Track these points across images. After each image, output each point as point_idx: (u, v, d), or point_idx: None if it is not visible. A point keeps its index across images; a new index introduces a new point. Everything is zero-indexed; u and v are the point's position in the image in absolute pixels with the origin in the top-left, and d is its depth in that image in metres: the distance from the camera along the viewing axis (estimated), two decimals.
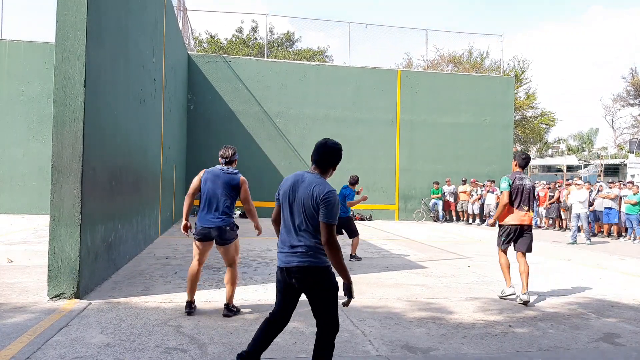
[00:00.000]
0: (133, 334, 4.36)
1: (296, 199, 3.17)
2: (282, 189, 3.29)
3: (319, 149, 3.28)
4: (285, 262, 3.17)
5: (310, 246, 3.14)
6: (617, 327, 5.06)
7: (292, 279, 3.17)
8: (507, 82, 21.06)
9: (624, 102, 48.48)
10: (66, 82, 5.44)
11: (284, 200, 3.24)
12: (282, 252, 3.22)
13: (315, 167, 3.29)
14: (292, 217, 3.18)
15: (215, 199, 4.94)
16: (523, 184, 6.18)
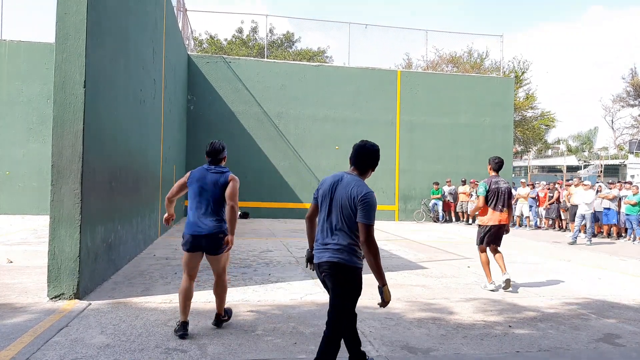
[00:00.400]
0: (133, 334, 4.36)
1: (334, 199, 3.28)
2: (321, 188, 3.39)
3: (358, 150, 3.46)
4: (318, 257, 3.29)
5: (344, 245, 3.22)
6: (617, 328, 5.06)
7: (322, 273, 3.29)
8: (507, 82, 21.07)
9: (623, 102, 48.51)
10: (66, 82, 5.44)
11: (322, 199, 3.35)
12: (317, 250, 3.33)
13: (354, 168, 3.46)
14: (329, 217, 3.28)
15: (204, 202, 4.35)
16: (499, 187, 6.66)
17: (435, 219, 19.12)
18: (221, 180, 4.44)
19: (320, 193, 3.38)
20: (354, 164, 3.46)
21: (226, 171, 4.53)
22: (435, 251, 10.62)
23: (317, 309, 5.47)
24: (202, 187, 4.40)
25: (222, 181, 4.44)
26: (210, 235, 4.31)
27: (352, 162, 3.46)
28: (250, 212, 18.26)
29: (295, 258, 9.04)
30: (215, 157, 4.58)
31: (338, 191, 3.29)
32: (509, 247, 11.88)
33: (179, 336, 4.25)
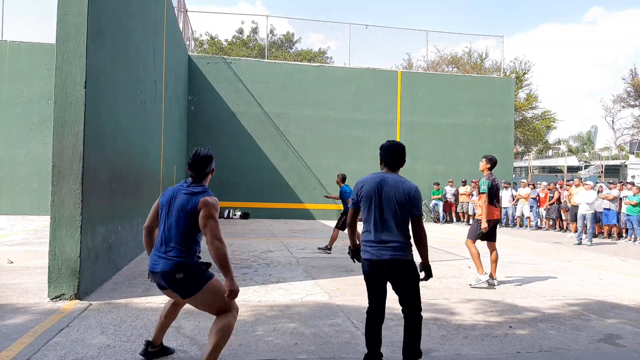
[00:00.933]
0: (134, 335, 4.36)
1: (385, 198, 3.51)
2: (364, 191, 3.57)
3: (391, 150, 3.67)
4: (377, 255, 3.50)
5: (402, 242, 3.52)
6: (618, 328, 5.06)
7: (383, 270, 3.52)
8: (507, 83, 21.07)
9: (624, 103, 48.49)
10: (67, 83, 5.44)
11: (369, 200, 3.54)
12: (371, 247, 3.53)
13: (387, 168, 3.69)
14: (381, 215, 3.51)
15: (167, 230, 3.37)
16: (497, 183, 7.04)
17: (436, 220, 19.12)
18: (189, 206, 3.31)
19: (364, 195, 3.56)
20: (387, 164, 3.69)
21: (200, 192, 3.37)
22: (435, 251, 10.62)
23: (318, 309, 5.47)
24: (170, 211, 3.39)
25: (189, 207, 3.31)
26: (164, 273, 3.29)
27: (386, 163, 3.69)
28: (250, 212, 18.27)
29: (295, 258, 9.04)
30: (199, 171, 3.46)
31: (387, 191, 3.52)
32: (509, 247, 11.87)
33: (140, 353, 3.76)
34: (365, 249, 3.57)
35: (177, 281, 3.29)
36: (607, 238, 14.74)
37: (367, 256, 3.55)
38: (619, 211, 14.31)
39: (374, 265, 3.53)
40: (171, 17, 12.79)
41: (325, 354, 4.07)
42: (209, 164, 3.50)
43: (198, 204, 3.30)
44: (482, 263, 7.00)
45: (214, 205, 3.33)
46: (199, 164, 3.45)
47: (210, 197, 3.36)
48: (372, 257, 3.52)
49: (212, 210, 3.31)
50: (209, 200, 3.33)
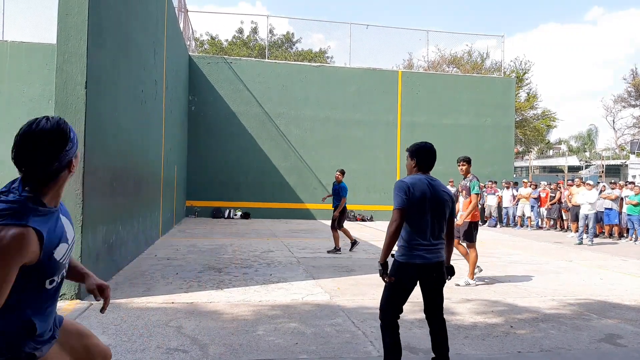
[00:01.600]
0: (134, 334, 4.37)
1: (437, 202, 3.44)
2: (415, 194, 3.38)
3: (429, 153, 3.58)
4: (430, 257, 3.39)
5: (443, 243, 3.52)
6: (619, 328, 5.05)
7: (433, 273, 3.42)
8: (508, 83, 21.06)
9: (625, 103, 48.47)
10: (67, 83, 5.45)
11: (422, 204, 3.38)
12: (422, 250, 3.38)
13: (424, 170, 3.58)
14: (432, 218, 3.41)
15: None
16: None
17: None
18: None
19: (418, 198, 3.38)
20: (427, 167, 3.61)
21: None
22: None
23: (319, 309, 5.47)
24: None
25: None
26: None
27: (426, 166, 3.60)
28: (251, 212, 18.27)
29: (296, 258, 9.04)
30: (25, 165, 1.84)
31: (437, 194, 3.46)
32: (510, 247, 11.87)
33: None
34: (416, 253, 3.39)
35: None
36: (608, 238, 14.73)
37: (419, 260, 3.38)
38: (620, 211, 14.30)
39: (423, 270, 3.40)
40: (172, 17, 12.80)
41: (326, 354, 4.07)
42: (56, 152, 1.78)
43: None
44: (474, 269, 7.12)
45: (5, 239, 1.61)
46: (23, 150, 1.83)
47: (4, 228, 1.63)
48: (423, 260, 3.38)
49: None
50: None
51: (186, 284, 6.53)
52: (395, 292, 3.47)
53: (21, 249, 1.64)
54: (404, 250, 3.42)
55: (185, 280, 6.72)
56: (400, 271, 3.42)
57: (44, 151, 1.78)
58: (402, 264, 3.41)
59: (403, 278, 3.41)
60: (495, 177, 19.34)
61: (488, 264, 9.09)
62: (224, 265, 8.00)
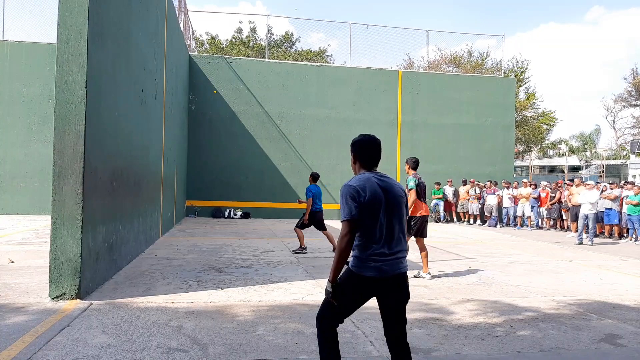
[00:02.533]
0: (134, 334, 4.37)
1: (392, 203, 2.99)
2: (364, 197, 2.90)
3: (372, 145, 3.18)
4: (387, 270, 2.90)
5: (406, 250, 3.06)
6: (619, 328, 5.05)
7: (393, 288, 2.94)
8: (508, 82, 21.06)
9: (625, 102, 48.46)
10: (67, 83, 5.45)
11: (376, 208, 2.90)
12: (380, 262, 2.89)
13: (370, 167, 3.18)
14: (388, 223, 2.95)
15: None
16: (423, 182, 7.60)
17: (436, 219, 19.11)
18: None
19: (368, 202, 2.89)
20: (375, 163, 3.17)
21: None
22: (436, 251, 10.61)
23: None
24: None
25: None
26: None
27: (374, 161, 3.17)
28: (251, 212, 18.27)
29: (296, 258, 9.04)
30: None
31: (393, 194, 3.00)
32: (510, 247, 11.87)
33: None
34: (372, 265, 2.89)
35: None
36: (608, 238, 14.73)
37: (375, 274, 2.88)
38: (620, 211, 14.30)
39: (381, 285, 2.93)
40: (172, 16, 12.80)
41: None
42: None
43: None
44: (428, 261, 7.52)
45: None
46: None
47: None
48: (383, 274, 2.90)
49: None
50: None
51: (186, 283, 6.53)
52: (341, 304, 2.98)
53: None
54: (357, 261, 2.94)
55: (185, 280, 6.72)
56: (351, 281, 2.94)
57: None
58: (354, 275, 2.93)
59: (353, 290, 2.94)
60: (495, 176, 19.36)
61: (488, 264, 9.09)
62: (224, 265, 8.01)
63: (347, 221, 2.86)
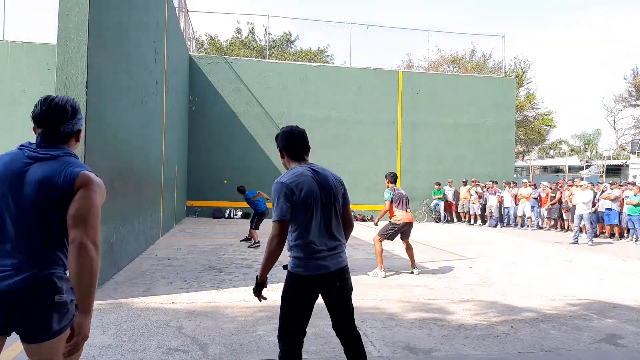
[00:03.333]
0: (135, 334, 4.37)
1: (328, 196, 2.90)
2: (298, 192, 2.78)
3: (295, 135, 3.02)
4: (329, 265, 2.84)
5: (344, 243, 3.00)
6: (619, 328, 5.05)
7: (336, 282, 2.88)
8: (508, 83, 21.06)
9: (625, 102, 48.44)
10: (68, 83, 5.45)
11: (312, 203, 2.81)
12: (320, 258, 2.82)
13: (299, 159, 3.03)
14: (325, 217, 2.87)
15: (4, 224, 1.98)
16: (401, 194, 8.14)
17: (436, 220, 19.10)
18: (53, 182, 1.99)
19: (303, 197, 2.78)
20: (305, 153, 3.03)
21: (69, 161, 2.08)
22: (436, 251, 10.61)
23: (319, 309, 5.45)
24: (9, 193, 1.99)
25: (59, 182, 1.99)
26: (11, 294, 1.89)
27: (304, 151, 3.02)
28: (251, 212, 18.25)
29: None
30: (51, 127, 2.09)
31: (325, 187, 2.89)
32: (511, 247, 11.86)
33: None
34: (313, 264, 2.79)
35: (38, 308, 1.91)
36: (608, 238, 14.72)
37: (316, 271, 2.79)
38: (621, 211, 14.29)
39: (325, 281, 2.83)
40: (172, 17, 12.80)
41: (327, 354, 4.07)
42: (70, 118, 2.11)
43: (76, 181, 1.99)
44: (383, 260, 7.88)
45: (98, 187, 2.09)
46: (52, 114, 2.06)
47: (90, 172, 2.07)
48: (324, 270, 2.81)
49: (94, 194, 2.04)
50: (91, 177, 2.04)
51: (186, 284, 6.53)
52: (294, 313, 2.82)
53: None
54: (297, 261, 2.82)
55: (185, 280, 6.72)
56: (296, 286, 2.82)
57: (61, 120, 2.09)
58: (297, 277, 2.81)
59: (300, 294, 2.82)
60: (496, 177, 19.34)
61: (489, 264, 9.09)
62: (224, 266, 8.01)
63: (278, 222, 2.75)
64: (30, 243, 1.95)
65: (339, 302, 2.95)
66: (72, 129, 2.15)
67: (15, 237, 1.95)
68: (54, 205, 1.96)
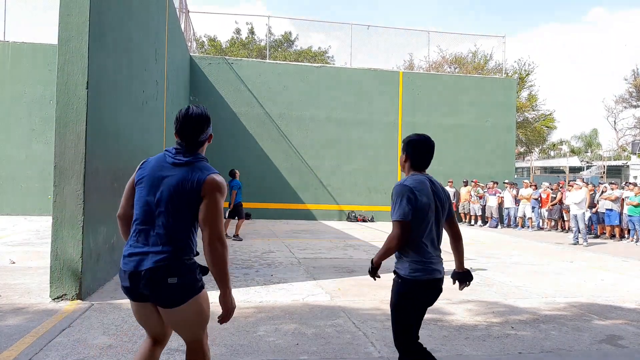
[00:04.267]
0: (135, 335, 4.37)
1: (439, 207, 3.08)
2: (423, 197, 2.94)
3: (430, 149, 3.05)
4: (441, 269, 3.17)
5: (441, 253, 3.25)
6: (620, 329, 5.05)
7: (441, 287, 3.14)
8: (509, 83, 21.05)
9: (626, 103, 48.42)
10: (69, 83, 5.46)
11: (428, 209, 3.00)
12: (434, 262, 3.09)
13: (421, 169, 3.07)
14: (435, 226, 3.11)
15: (150, 216, 2.47)
16: None
17: None
18: (188, 184, 2.43)
19: (421, 204, 2.87)
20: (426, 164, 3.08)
21: (202, 167, 2.50)
22: None
23: (319, 310, 5.47)
24: (153, 190, 2.48)
25: (189, 187, 2.43)
26: (150, 272, 2.40)
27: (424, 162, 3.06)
28: (252, 212, 18.25)
29: (297, 259, 9.04)
30: (192, 138, 2.52)
31: (439, 198, 3.00)
32: (511, 248, 11.86)
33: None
34: (431, 268, 2.98)
35: (167, 287, 2.40)
36: (609, 239, 14.71)
37: (436, 275, 2.99)
38: (621, 212, 14.29)
39: (437, 285, 3.03)
40: (173, 17, 12.81)
41: (327, 354, 4.07)
42: (205, 128, 2.54)
43: (203, 185, 2.42)
44: None
45: (223, 190, 2.49)
46: (191, 128, 2.49)
47: (218, 176, 2.48)
48: (439, 275, 3.03)
49: (220, 197, 2.46)
50: (217, 181, 2.45)
51: None
52: (409, 315, 2.94)
53: None
54: (414, 265, 2.92)
55: None
56: (414, 291, 2.92)
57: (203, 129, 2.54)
58: (417, 282, 2.92)
59: (417, 298, 2.94)
60: (496, 177, 19.32)
61: (489, 264, 9.08)
62: None
63: (400, 222, 2.85)
64: (168, 233, 2.43)
65: (429, 306, 3.05)
66: (206, 136, 2.58)
67: (158, 227, 2.44)
68: (187, 205, 2.44)
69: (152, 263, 2.40)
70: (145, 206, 2.47)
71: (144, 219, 2.48)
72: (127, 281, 2.46)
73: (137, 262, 2.43)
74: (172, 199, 2.43)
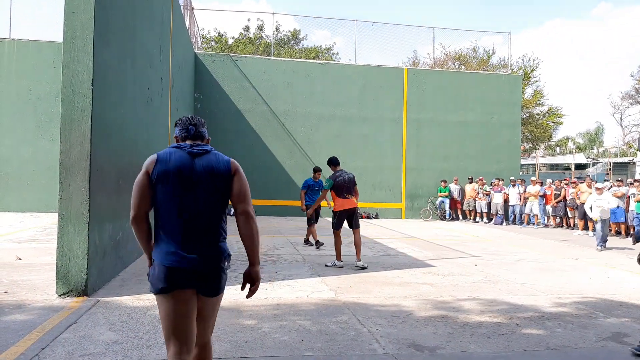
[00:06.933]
0: (141, 331, 4.39)
1: None
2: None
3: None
4: None
5: None
6: (626, 327, 5.03)
7: None
8: (514, 80, 20.96)
9: (632, 99, 48.10)
10: (74, 80, 5.47)
11: None
12: None
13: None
14: None
15: (188, 211, 2.54)
16: (343, 178, 8.02)
17: (442, 217, 19.06)
18: (221, 166, 2.60)
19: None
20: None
21: (214, 151, 2.70)
22: (442, 249, 10.60)
23: (324, 306, 5.47)
24: (187, 183, 2.55)
25: (222, 168, 2.60)
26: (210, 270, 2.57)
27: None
28: (256, 209, 18.23)
29: (301, 256, 9.05)
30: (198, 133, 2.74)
31: None
32: (516, 245, 11.83)
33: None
34: None
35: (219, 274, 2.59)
36: (614, 236, 14.64)
37: None
38: (627, 209, 14.21)
39: None
40: (177, 14, 12.81)
41: (332, 351, 4.08)
42: (203, 126, 2.80)
43: (231, 164, 2.64)
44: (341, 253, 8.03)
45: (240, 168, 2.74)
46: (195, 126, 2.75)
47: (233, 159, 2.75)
48: None
49: (244, 176, 2.72)
50: (236, 163, 2.71)
51: None
52: None
53: None
54: None
55: None
56: None
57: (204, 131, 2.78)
58: None
59: None
60: (502, 174, 19.26)
61: (494, 261, 9.06)
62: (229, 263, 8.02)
63: None
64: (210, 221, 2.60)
65: None
66: (206, 133, 2.78)
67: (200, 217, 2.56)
68: (221, 189, 2.60)
69: (207, 250, 2.57)
70: (183, 197, 2.54)
71: (181, 210, 2.54)
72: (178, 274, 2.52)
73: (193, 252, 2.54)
74: (209, 184, 2.57)
